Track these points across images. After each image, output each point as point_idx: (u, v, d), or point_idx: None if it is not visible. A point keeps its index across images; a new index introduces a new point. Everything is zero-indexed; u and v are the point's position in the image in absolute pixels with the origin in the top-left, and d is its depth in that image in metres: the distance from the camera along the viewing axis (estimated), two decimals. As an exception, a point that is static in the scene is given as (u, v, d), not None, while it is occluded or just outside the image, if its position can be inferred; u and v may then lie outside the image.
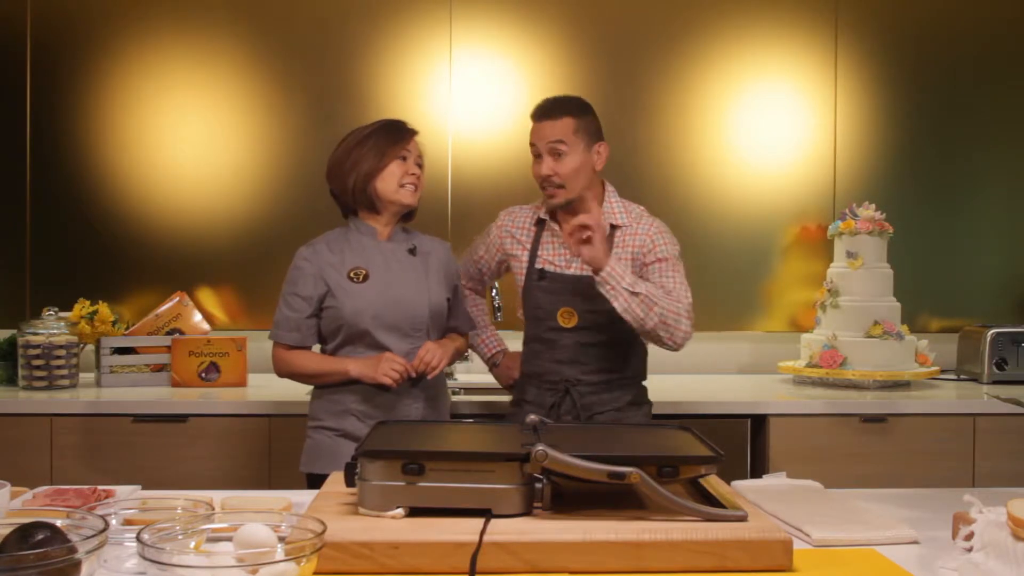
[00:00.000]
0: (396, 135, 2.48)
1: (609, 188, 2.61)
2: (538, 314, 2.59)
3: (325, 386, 2.48)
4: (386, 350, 2.41)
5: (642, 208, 2.61)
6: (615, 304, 2.33)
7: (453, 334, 2.61)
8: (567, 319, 2.54)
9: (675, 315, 2.36)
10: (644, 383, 2.68)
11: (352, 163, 2.46)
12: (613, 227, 2.54)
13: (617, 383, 2.57)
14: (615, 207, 2.58)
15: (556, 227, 2.60)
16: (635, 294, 2.32)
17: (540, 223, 2.64)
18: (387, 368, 2.35)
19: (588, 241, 2.30)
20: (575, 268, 2.55)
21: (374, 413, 2.41)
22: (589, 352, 2.54)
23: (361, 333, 2.42)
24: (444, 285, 2.53)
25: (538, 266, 2.60)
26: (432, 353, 2.40)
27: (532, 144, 2.55)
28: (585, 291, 2.49)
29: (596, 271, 2.33)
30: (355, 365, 2.40)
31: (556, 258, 2.59)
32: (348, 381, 2.42)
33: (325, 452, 2.43)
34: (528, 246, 2.64)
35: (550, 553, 1.34)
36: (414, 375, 2.39)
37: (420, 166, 2.51)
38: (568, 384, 2.55)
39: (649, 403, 2.68)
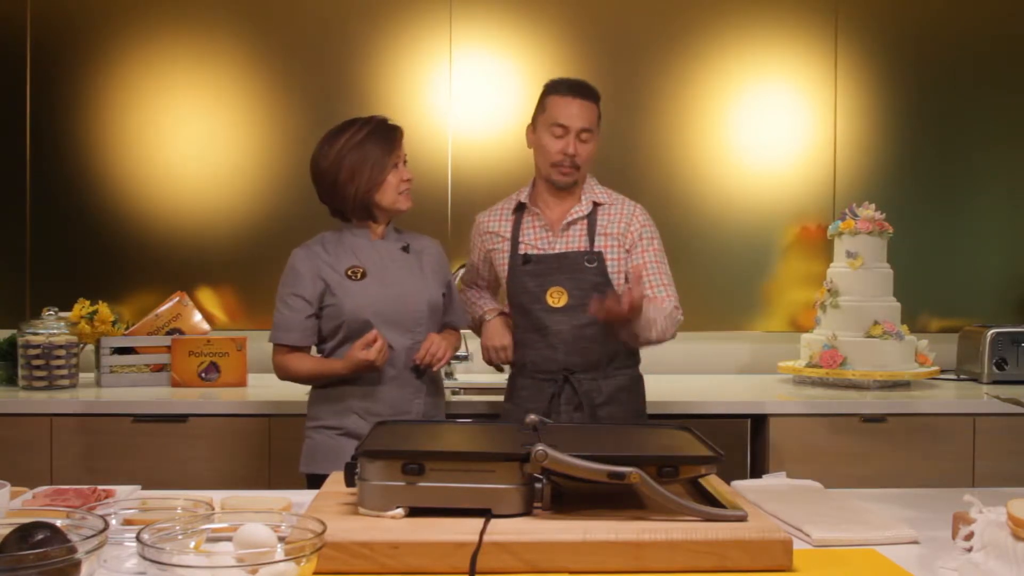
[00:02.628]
0: (387, 144, 2.42)
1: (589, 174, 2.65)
2: (525, 300, 2.53)
3: (326, 384, 2.48)
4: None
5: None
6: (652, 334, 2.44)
7: (449, 329, 2.62)
8: (557, 298, 2.49)
9: (671, 328, 2.50)
10: (638, 358, 2.66)
11: (348, 176, 2.40)
12: (596, 204, 2.57)
13: (615, 367, 2.56)
14: (596, 188, 2.61)
15: (537, 210, 2.57)
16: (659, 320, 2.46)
17: (519, 209, 2.61)
18: (361, 351, 2.31)
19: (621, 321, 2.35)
20: (560, 247, 2.53)
21: (377, 409, 2.41)
22: (586, 334, 2.50)
23: (361, 330, 2.40)
24: (438, 281, 2.54)
25: (521, 251, 2.56)
26: (437, 345, 2.40)
27: (558, 121, 2.48)
28: (572, 268, 2.48)
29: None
30: (340, 364, 2.39)
31: (539, 241, 2.56)
32: (347, 378, 2.42)
33: (326, 452, 2.43)
34: (508, 235, 2.60)
35: (550, 553, 1.34)
36: (392, 348, 2.39)
37: (405, 162, 2.49)
38: (567, 372, 2.52)
39: (643, 386, 2.66)
